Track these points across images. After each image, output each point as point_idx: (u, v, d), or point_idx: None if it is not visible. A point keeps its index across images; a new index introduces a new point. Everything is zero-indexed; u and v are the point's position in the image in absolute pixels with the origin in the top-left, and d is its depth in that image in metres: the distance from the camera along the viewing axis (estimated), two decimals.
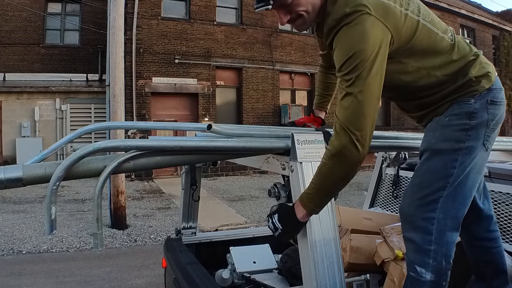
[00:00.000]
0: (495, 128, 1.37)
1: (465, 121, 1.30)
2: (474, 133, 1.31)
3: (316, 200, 1.19)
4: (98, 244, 1.11)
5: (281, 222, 1.23)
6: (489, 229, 1.54)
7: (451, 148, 1.30)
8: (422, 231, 1.28)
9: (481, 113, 1.31)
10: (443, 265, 1.27)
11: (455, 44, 1.34)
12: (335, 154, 1.15)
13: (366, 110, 1.14)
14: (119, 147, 1.15)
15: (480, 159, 1.34)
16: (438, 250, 1.26)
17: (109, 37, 6.21)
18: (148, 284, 4.19)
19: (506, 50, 20.63)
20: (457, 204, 1.30)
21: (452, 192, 1.29)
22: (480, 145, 1.32)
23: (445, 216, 1.28)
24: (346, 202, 8.23)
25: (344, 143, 1.13)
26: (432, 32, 1.29)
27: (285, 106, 13.57)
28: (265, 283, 1.93)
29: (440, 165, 1.30)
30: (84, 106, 12.63)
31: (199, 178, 2.22)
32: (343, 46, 1.15)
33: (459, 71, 1.32)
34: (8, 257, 5.05)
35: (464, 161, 1.30)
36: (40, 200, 8.27)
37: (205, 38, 12.73)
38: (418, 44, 1.27)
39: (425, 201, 1.29)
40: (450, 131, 1.32)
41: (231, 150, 1.25)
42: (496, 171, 1.99)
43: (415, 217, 1.30)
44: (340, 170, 1.16)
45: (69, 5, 14.22)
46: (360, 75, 1.12)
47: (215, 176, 12.22)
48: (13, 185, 1.03)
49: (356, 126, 1.13)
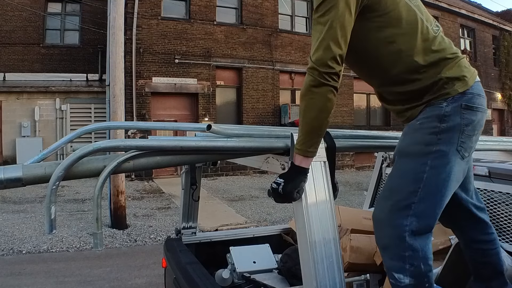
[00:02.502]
0: (472, 135, 1.31)
1: (435, 124, 1.28)
2: (445, 136, 1.27)
3: (305, 140, 1.21)
4: (97, 244, 1.11)
5: (282, 176, 1.24)
6: (484, 232, 1.52)
7: (421, 152, 1.27)
8: (395, 238, 1.25)
9: (453, 116, 1.28)
10: (422, 268, 1.24)
11: (438, 36, 1.33)
12: (308, 89, 1.21)
13: (335, 49, 1.18)
14: (119, 147, 1.15)
15: (456, 167, 1.29)
16: (414, 255, 1.23)
17: (109, 37, 6.21)
18: (148, 284, 4.19)
19: (506, 50, 20.63)
20: (430, 210, 1.27)
21: (424, 198, 1.25)
22: (453, 151, 1.28)
23: (418, 221, 1.25)
24: (346, 202, 8.23)
25: (315, 78, 1.19)
26: (415, 12, 1.30)
27: (285, 106, 13.57)
28: (265, 283, 1.93)
29: (410, 169, 1.28)
30: (84, 106, 12.63)
31: (199, 178, 2.22)
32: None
33: (434, 65, 1.30)
34: (8, 257, 5.05)
35: (435, 165, 1.26)
36: (40, 200, 8.27)
37: (205, 38, 12.73)
38: (398, 13, 1.27)
39: (396, 207, 1.26)
40: (420, 134, 1.29)
41: (231, 150, 1.25)
42: (496, 171, 1.99)
43: (387, 224, 1.27)
44: (316, 102, 1.20)
45: (69, 5, 14.22)
46: (334, 17, 1.18)
47: (215, 176, 12.22)
48: (12, 185, 1.03)
49: (325, 64, 1.18)
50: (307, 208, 1.24)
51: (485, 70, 19.63)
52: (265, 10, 13.70)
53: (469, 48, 19.50)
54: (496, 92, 20.29)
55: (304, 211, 1.24)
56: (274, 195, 1.25)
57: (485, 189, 1.97)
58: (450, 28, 18.21)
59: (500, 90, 20.48)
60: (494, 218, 1.90)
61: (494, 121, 20.26)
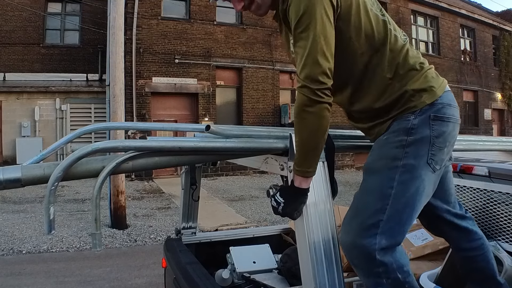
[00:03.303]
0: (443, 147, 1.26)
1: (402, 138, 1.24)
2: (412, 150, 1.23)
3: (302, 160, 1.20)
4: (96, 244, 1.11)
5: (282, 195, 1.23)
6: (469, 239, 1.50)
7: (387, 167, 1.23)
8: (365, 258, 1.19)
9: (421, 129, 1.24)
10: (400, 277, 1.19)
11: (406, 45, 1.31)
12: (301, 109, 1.17)
13: (323, 63, 1.15)
14: (118, 148, 1.14)
15: (427, 181, 1.25)
16: (387, 269, 1.18)
17: (109, 37, 6.21)
18: (148, 284, 4.19)
19: (506, 50, 20.62)
20: (398, 227, 1.21)
21: (393, 215, 1.20)
22: (423, 164, 1.23)
23: (386, 239, 1.19)
24: (346, 202, 8.22)
25: (307, 96, 1.15)
26: (384, 22, 1.29)
27: (285, 106, 13.57)
28: (265, 283, 1.93)
29: (377, 185, 1.23)
30: (84, 106, 12.64)
31: (199, 178, 2.22)
32: (294, 9, 1.18)
33: (400, 78, 1.27)
34: (8, 257, 5.05)
35: (403, 180, 1.21)
36: (40, 200, 8.27)
37: (205, 38, 12.73)
38: (364, 24, 1.25)
39: (363, 226, 1.20)
40: (386, 149, 1.26)
41: (230, 150, 1.25)
42: (496, 171, 1.98)
43: (356, 245, 1.20)
44: (311, 122, 1.17)
45: (69, 5, 14.23)
46: (310, 24, 1.15)
47: (215, 176, 12.22)
48: (12, 186, 1.03)
49: (316, 80, 1.14)
50: (307, 208, 1.24)
51: (485, 70, 19.63)
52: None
53: (469, 48, 19.49)
54: (496, 92, 20.29)
55: (304, 211, 1.24)
56: (273, 211, 1.25)
57: (485, 189, 1.96)
58: (450, 28, 18.20)
59: (500, 90, 20.48)
60: (494, 218, 1.90)
61: (494, 121, 20.26)
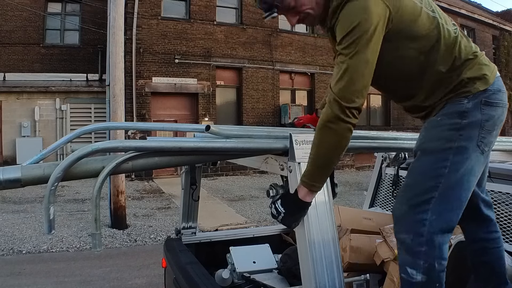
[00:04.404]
0: (492, 130, 1.32)
1: (456, 120, 1.29)
2: (465, 132, 1.28)
3: (312, 174, 1.20)
4: (96, 244, 1.11)
5: (284, 205, 1.23)
6: (488, 230, 1.52)
7: (441, 148, 1.28)
8: (413, 233, 1.24)
9: (474, 112, 1.29)
10: (436, 266, 1.23)
11: (458, 38, 1.33)
12: (324, 124, 1.18)
13: (360, 82, 1.17)
14: (118, 148, 1.15)
15: (476, 162, 1.30)
16: (430, 252, 1.22)
17: (109, 37, 6.21)
18: (148, 284, 4.20)
19: (506, 50, 20.62)
20: (450, 206, 1.26)
21: (444, 193, 1.25)
22: (473, 147, 1.28)
23: (438, 218, 1.24)
24: (346, 202, 8.23)
25: (336, 114, 1.16)
26: (434, 19, 1.30)
27: (285, 106, 13.57)
28: (265, 283, 1.92)
29: (430, 165, 1.28)
30: (84, 106, 12.64)
31: (199, 178, 2.22)
32: (346, 19, 1.18)
33: (456, 69, 1.31)
34: (8, 257, 5.05)
35: (456, 161, 1.26)
36: (40, 200, 8.27)
37: (205, 38, 12.72)
38: (419, 29, 1.27)
39: (416, 202, 1.26)
40: (440, 130, 1.30)
41: (230, 150, 1.25)
42: (496, 171, 1.98)
43: (406, 218, 1.27)
44: (331, 139, 1.18)
45: (69, 5, 14.22)
46: (359, 49, 1.15)
47: (215, 176, 12.22)
48: (11, 186, 1.03)
49: (348, 99, 1.16)
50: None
51: None
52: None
53: None
54: None
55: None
56: (272, 217, 1.25)
57: None
58: None
59: None
60: None
61: None
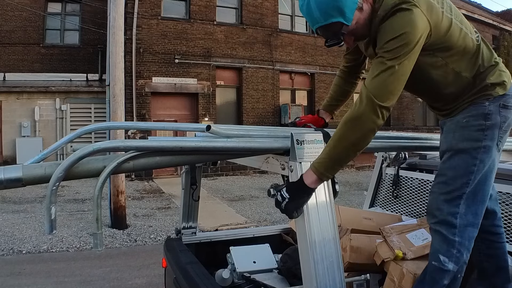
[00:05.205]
0: (507, 130, 1.48)
1: (481, 122, 1.42)
2: (490, 133, 1.42)
3: (326, 165, 1.22)
4: (97, 244, 1.11)
5: (289, 191, 1.24)
6: (493, 223, 1.61)
7: (471, 147, 1.41)
8: (447, 224, 1.39)
9: (495, 115, 1.42)
10: (464, 257, 1.38)
11: (480, 45, 1.44)
12: (353, 118, 1.23)
13: (395, 85, 1.25)
14: (119, 148, 1.15)
15: (496, 159, 1.46)
16: (462, 242, 1.37)
17: (109, 37, 6.21)
18: (148, 284, 4.20)
19: (506, 50, 20.60)
20: (477, 200, 1.41)
21: (474, 189, 1.40)
22: (495, 146, 1.44)
23: (467, 211, 1.39)
24: (346, 202, 8.23)
25: (367, 110, 1.21)
26: (462, 30, 1.40)
27: (285, 106, 13.57)
28: (265, 283, 1.92)
29: (463, 163, 1.42)
30: (84, 106, 12.63)
31: (199, 178, 2.22)
32: (393, 25, 1.26)
33: (481, 75, 1.42)
34: (8, 257, 5.05)
35: (483, 159, 1.41)
36: (40, 200, 8.27)
37: (205, 38, 12.72)
38: (450, 41, 1.37)
39: (450, 196, 1.41)
40: (468, 131, 1.43)
41: (231, 150, 1.25)
42: (496, 171, 1.98)
43: (441, 210, 1.41)
44: (354, 135, 1.22)
45: (69, 5, 14.22)
46: (401, 55, 1.23)
47: (215, 176, 12.22)
48: (12, 185, 1.03)
49: (382, 97, 1.22)
50: (307, 208, 1.24)
51: None
52: (265, 10, 13.70)
53: None
54: None
55: (305, 211, 1.24)
56: (276, 204, 1.26)
57: None
58: None
59: None
60: None
61: None
